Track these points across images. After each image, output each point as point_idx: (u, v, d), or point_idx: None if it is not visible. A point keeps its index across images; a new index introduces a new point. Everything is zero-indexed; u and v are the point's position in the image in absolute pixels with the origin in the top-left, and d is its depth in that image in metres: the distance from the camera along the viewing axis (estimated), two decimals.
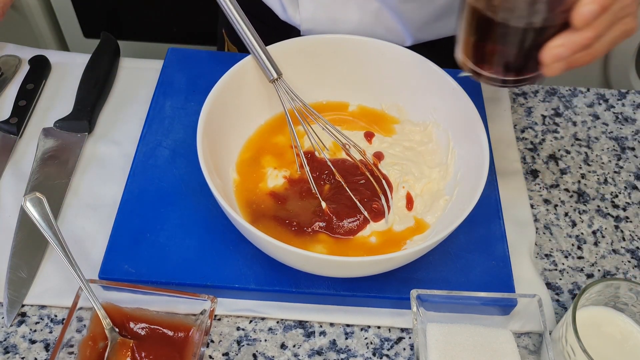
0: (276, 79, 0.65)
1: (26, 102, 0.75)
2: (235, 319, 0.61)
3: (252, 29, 0.65)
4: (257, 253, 0.60)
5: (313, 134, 0.66)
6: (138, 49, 1.64)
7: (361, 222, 0.62)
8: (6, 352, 0.58)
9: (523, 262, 0.66)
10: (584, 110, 0.83)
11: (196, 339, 0.55)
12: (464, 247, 0.64)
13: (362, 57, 0.71)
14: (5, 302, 0.60)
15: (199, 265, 0.61)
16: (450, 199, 0.64)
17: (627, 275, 0.67)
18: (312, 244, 0.61)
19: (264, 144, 0.69)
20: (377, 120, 0.73)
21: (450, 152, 0.67)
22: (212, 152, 0.62)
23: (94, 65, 0.78)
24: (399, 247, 0.61)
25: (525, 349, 0.61)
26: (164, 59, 0.79)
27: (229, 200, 0.60)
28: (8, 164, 0.71)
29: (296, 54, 0.69)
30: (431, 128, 0.70)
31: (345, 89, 0.73)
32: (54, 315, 0.61)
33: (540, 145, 0.79)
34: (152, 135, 0.71)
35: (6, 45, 0.83)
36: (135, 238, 0.62)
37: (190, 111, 0.73)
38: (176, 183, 0.67)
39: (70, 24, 1.61)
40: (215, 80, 0.64)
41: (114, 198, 0.68)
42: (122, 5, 1.58)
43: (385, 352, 0.60)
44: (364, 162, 0.66)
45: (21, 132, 0.74)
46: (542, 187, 0.74)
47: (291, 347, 0.60)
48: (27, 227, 0.65)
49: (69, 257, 0.56)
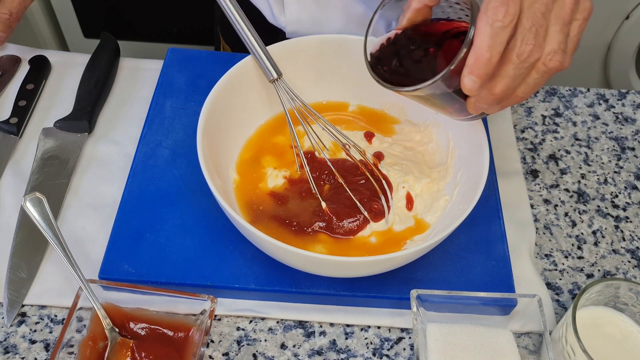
0: (276, 79, 0.65)
1: (26, 102, 0.75)
2: (235, 319, 0.61)
3: (252, 29, 0.65)
4: (257, 253, 0.60)
5: (313, 134, 0.66)
6: (138, 49, 1.64)
7: (361, 222, 0.62)
8: (6, 352, 0.58)
9: (523, 262, 0.66)
10: (584, 110, 0.83)
11: (196, 339, 0.55)
12: (464, 247, 0.64)
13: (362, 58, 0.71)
14: (5, 302, 0.60)
15: (199, 265, 0.61)
16: (450, 199, 0.64)
17: (627, 275, 0.67)
18: (312, 244, 0.61)
19: (264, 144, 0.69)
20: (377, 120, 0.73)
21: (450, 152, 0.67)
22: (212, 152, 0.62)
23: (94, 65, 0.78)
24: (399, 247, 0.61)
25: (525, 349, 0.61)
26: (164, 59, 0.79)
27: (228, 200, 0.60)
28: (8, 164, 0.71)
29: (296, 54, 0.69)
30: (431, 128, 0.70)
31: (345, 89, 0.73)
32: (54, 315, 0.61)
33: (540, 145, 0.79)
34: (152, 135, 0.71)
35: (6, 45, 0.83)
36: (135, 238, 0.62)
37: (190, 111, 0.73)
38: (176, 183, 0.67)
39: (70, 24, 1.61)
40: (215, 80, 0.64)
41: (114, 198, 0.68)
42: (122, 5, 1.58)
43: (385, 352, 0.60)
44: (364, 162, 0.66)
45: (21, 132, 0.74)
46: (542, 187, 0.74)
47: (291, 347, 0.60)
48: (27, 227, 0.65)
49: (69, 257, 0.56)
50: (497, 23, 0.47)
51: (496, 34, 0.47)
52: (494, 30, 0.47)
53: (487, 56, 0.47)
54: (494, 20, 0.47)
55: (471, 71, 0.48)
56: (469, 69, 0.48)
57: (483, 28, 0.47)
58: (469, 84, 0.49)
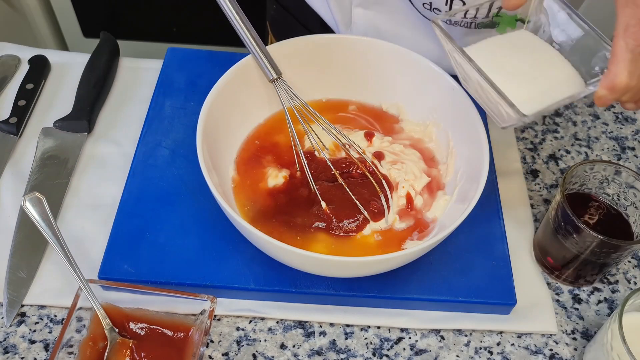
0: (276, 78, 0.65)
1: (26, 102, 0.75)
2: (234, 319, 0.61)
3: (252, 29, 0.65)
4: (257, 253, 0.60)
5: (313, 133, 0.66)
6: (137, 48, 1.64)
7: (361, 222, 0.62)
8: (6, 352, 0.58)
9: (523, 262, 0.66)
10: (584, 110, 0.83)
11: (196, 339, 0.54)
12: (464, 247, 0.64)
13: (362, 57, 0.71)
14: (5, 302, 0.60)
15: (199, 266, 0.61)
16: (450, 198, 0.64)
17: (626, 276, 0.67)
18: (312, 244, 0.61)
19: (263, 144, 0.69)
20: (377, 120, 0.73)
21: (450, 152, 0.67)
22: (212, 152, 0.62)
23: (93, 65, 0.78)
24: (399, 247, 0.61)
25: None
26: (164, 59, 0.79)
27: (228, 200, 0.60)
28: (8, 164, 0.71)
29: (296, 54, 0.69)
30: (431, 127, 0.70)
31: (345, 89, 0.73)
32: (54, 315, 0.61)
33: (540, 145, 0.79)
34: (151, 135, 0.71)
35: (6, 45, 0.83)
36: (135, 238, 0.62)
37: (190, 111, 0.73)
38: (176, 183, 0.67)
39: (69, 23, 1.61)
40: (215, 80, 0.64)
41: (113, 198, 0.68)
42: (121, 5, 1.58)
43: (385, 352, 0.60)
44: (364, 161, 0.66)
45: (21, 132, 0.73)
46: (542, 187, 0.74)
47: (291, 347, 0.60)
48: (26, 227, 0.65)
49: (68, 257, 0.56)
50: (638, 48, 0.45)
51: (637, 59, 0.46)
52: (634, 56, 0.46)
53: (626, 82, 0.46)
54: (635, 45, 0.45)
55: (608, 93, 0.48)
56: (606, 90, 0.48)
57: (622, 55, 0.46)
58: (602, 103, 0.49)
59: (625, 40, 0.46)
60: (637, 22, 0.45)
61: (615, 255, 0.58)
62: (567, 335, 0.62)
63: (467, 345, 0.61)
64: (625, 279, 0.67)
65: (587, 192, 0.64)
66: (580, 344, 0.62)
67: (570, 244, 0.60)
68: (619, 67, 0.46)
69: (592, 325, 0.63)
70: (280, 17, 0.89)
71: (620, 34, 0.46)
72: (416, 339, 0.61)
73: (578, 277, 0.64)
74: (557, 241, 0.61)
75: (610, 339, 0.53)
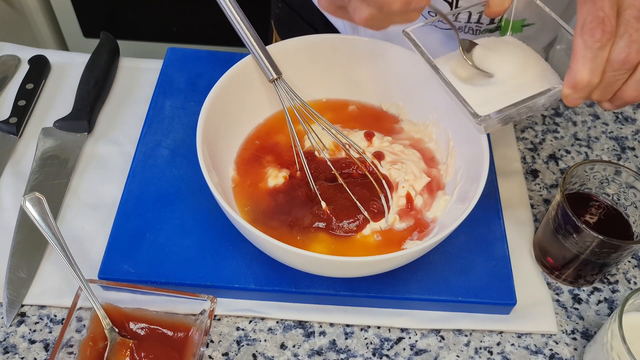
0: (276, 79, 0.65)
1: (26, 102, 0.75)
2: (234, 319, 0.61)
3: (252, 29, 0.65)
4: (257, 253, 0.60)
5: (313, 133, 0.66)
6: (137, 48, 1.64)
7: (361, 222, 0.62)
8: (6, 352, 0.58)
9: (523, 262, 0.66)
10: (584, 110, 0.83)
11: (196, 339, 0.54)
12: (464, 247, 0.64)
13: (362, 57, 0.71)
14: (5, 302, 0.60)
15: (199, 265, 0.61)
16: (450, 198, 0.64)
17: (626, 276, 0.67)
18: (312, 244, 0.61)
19: (263, 144, 0.69)
20: (377, 120, 0.73)
21: (450, 152, 0.67)
22: (212, 152, 0.62)
23: (93, 65, 0.78)
24: (399, 247, 0.61)
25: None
26: (164, 59, 0.79)
27: (228, 200, 0.60)
28: (7, 163, 0.71)
29: (296, 54, 0.69)
30: (431, 127, 0.70)
31: (345, 89, 0.73)
32: (54, 315, 0.61)
33: (540, 145, 0.79)
34: (151, 135, 0.71)
35: (5, 45, 0.83)
36: (135, 238, 0.62)
37: (190, 111, 0.73)
38: (176, 183, 0.67)
39: (69, 23, 1.61)
40: (215, 80, 0.64)
41: (113, 198, 0.68)
42: (121, 5, 1.58)
43: (385, 352, 0.60)
44: (364, 161, 0.66)
45: (21, 132, 0.73)
46: (542, 187, 0.74)
47: (291, 347, 0.60)
48: (26, 227, 0.65)
49: (68, 257, 0.56)
50: (596, 44, 0.46)
51: (596, 55, 0.46)
52: (593, 52, 0.46)
53: (587, 79, 0.47)
54: (593, 41, 0.46)
55: (572, 91, 0.48)
56: (570, 89, 0.48)
57: (582, 52, 0.46)
58: (571, 103, 0.49)
59: (582, 37, 0.46)
60: (594, 19, 0.46)
61: (615, 255, 0.58)
62: (567, 335, 0.62)
63: (467, 345, 0.61)
64: (625, 279, 0.67)
65: (587, 192, 0.64)
66: (580, 344, 0.62)
67: (570, 244, 0.60)
68: (579, 65, 0.47)
69: (592, 325, 0.63)
70: (285, 16, 0.90)
71: (578, 31, 0.47)
72: (416, 339, 0.61)
73: (578, 277, 0.64)
74: (557, 241, 0.61)
75: (610, 339, 0.53)
